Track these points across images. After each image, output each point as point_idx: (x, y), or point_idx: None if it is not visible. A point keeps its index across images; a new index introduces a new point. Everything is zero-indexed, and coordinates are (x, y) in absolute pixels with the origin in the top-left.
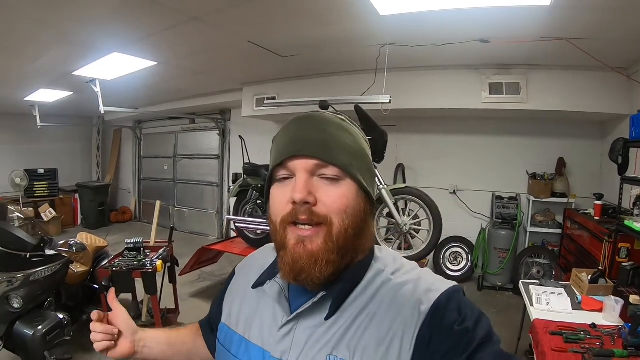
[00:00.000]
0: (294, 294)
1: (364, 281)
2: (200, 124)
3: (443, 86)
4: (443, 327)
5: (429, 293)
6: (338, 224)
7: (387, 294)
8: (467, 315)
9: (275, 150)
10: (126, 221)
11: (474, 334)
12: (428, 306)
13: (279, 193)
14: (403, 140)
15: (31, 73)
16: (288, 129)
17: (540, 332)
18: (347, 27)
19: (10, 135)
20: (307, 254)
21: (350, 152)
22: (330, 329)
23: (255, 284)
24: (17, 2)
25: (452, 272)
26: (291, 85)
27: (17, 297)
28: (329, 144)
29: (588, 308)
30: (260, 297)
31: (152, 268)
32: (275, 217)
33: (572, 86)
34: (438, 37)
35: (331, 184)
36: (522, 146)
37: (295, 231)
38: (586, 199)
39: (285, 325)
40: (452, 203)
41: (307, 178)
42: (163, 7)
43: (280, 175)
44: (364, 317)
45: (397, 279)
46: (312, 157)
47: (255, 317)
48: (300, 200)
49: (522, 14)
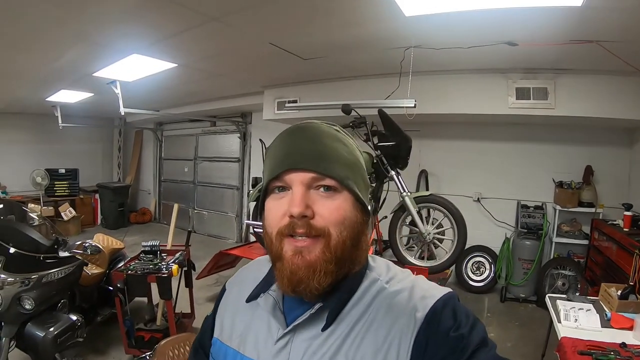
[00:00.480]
0: (289, 306)
1: (359, 291)
2: (221, 126)
3: (468, 91)
4: (439, 333)
5: (424, 300)
6: (336, 235)
7: (382, 303)
8: (462, 321)
9: (270, 162)
10: (145, 222)
11: (470, 340)
12: (424, 313)
13: (274, 205)
14: (426, 145)
15: (52, 73)
16: (283, 141)
17: (568, 352)
18: (371, 29)
19: (32, 135)
20: (305, 265)
21: (345, 164)
22: (328, 339)
23: (249, 297)
24: (37, 2)
25: (474, 282)
26: (313, 88)
27: (29, 298)
28: (325, 157)
29: (618, 326)
30: (254, 311)
31: (168, 272)
32: (270, 229)
33: (601, 91)
34: (464, 39)
35: (328, 197)
36: (549, 153)
37: (292, 242)
38: (614, 209)
39: (282, 338)
40: (475, 211)
41: (304, 191)
42: (181, 7)
43: (275, 187)
44: (361, 327)
45: (392, 287)
46: (309, 171)
47: (250, 331)
48: (298, 214)
49: (551, 15)
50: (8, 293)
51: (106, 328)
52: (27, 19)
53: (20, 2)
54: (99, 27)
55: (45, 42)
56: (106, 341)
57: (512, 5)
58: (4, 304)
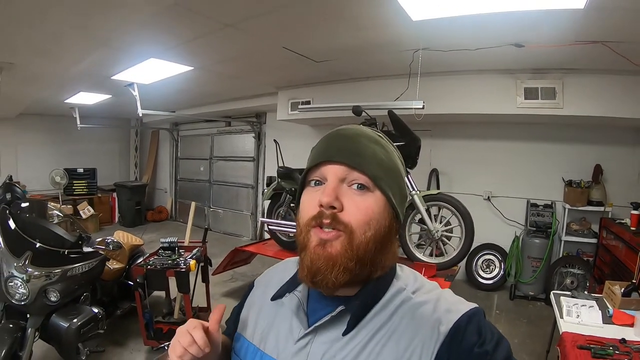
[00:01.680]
0: (313, 307)
1: (384, 299)
2: (236, 126)
3: (477, 91)
4: (462, 349)
5: (449, 314)
6: (359, 234)
7: (406, 313)
8: (487, 338)
9: (310, 157)
10: (162, 220)
11: (494, 357)
12: (448, 327)
13: (308, 197)
14: (437, 145)
15: (73, 77)
16: (325, 139)
17: (568, 346)
18: (379, 33)
19: (51, 135)
20: (325, 256)
21: (381, 165)
22: (348, 344)
23: (274, 296)
24: (59, 9)
25: (484, 279)
26: (325, 89)
27: (55, 290)
28: (360, 153)
29: (619, 322)
30: (278, 310)
31: (186, 267)
32: (302, 220)
33: (609, 91)
34: (471, 41)
35: (359, 194)
36: (558, 152)
37: (318, 233)
38: (623, 208)
39: (302, 339)
40: (485, 209)
41: (337, 184)
42: (197, 15)
43: (311, 180)
44: (382, 335)
45: (417, 298)
46: (342, 163)
47: (272, 329)
48: (327, 204)
49: (556, 17)
50: (34, 286)
51: (125, 321)
52: (50, 26)
53: (44, 11)
54: (119, 34)
55: (67, 47)
56: (125, 333)
57: (516, 8)
58: (30, 296)
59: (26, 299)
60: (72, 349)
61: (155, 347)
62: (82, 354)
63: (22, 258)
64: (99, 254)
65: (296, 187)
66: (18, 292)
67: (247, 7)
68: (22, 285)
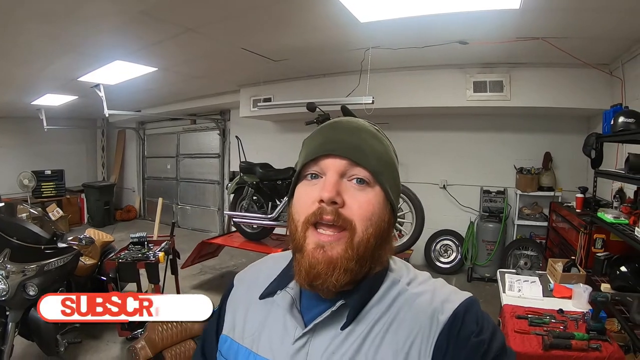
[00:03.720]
0: (307, 304)
1: (380, 291)
2: (201, 124)
3: (428, 85)
4: (460, 337)
5: (447, 303)
6: (361, 231)
7: (404, 304)
8: (483, 327)
9: (307, 149)
10: (131, 219)
11: (491, 346)
12: (446, 316)
13: (305, 191)
14: (394, 137)
15: (39, 80)
16: (322, 131)
17: (507, 316)
18: (330, 34)
19: (17, 137)
20: (325, 260)
21: (380, 160)
22: (347, 339)
23: (263, 294)
24: (28, 18)
25: (442, 264)
26: (285, 86)
27: (33, 285)
28: (361, 148)
29: (559, 295)
30: (268, 308)
31: (155, 259)
32: (297, 216)
33: (555, 83)
34: (418, 40)
35: (360, 189)
36: (509, 141)
37: (316, 235)
38: (573, 192)
39: (301, 338)
40: (442, 197)
41: (337, 179)
42: (158, 20)
43: (308, 174)
44: (381, 327)
45: (413, 289)
46: (344, 158)
47: (264, 329)
48: (328, 199)
49: (495, 17)
50: (13, 281)
51: None
52: (21, 33)
53: (16, 20)
54: (86, 40)
55: (35, 53)
56: (101, 327)
57: (458, 9)
58: (10, 291)
59: (6, 294)
60: (51, 340)
61: (128, 336)
62: (61, 345)
63: (1, 255)
64: (73, 249)
65: (256, 181)
66: None
67: (207, 13)
68: (1, 280)
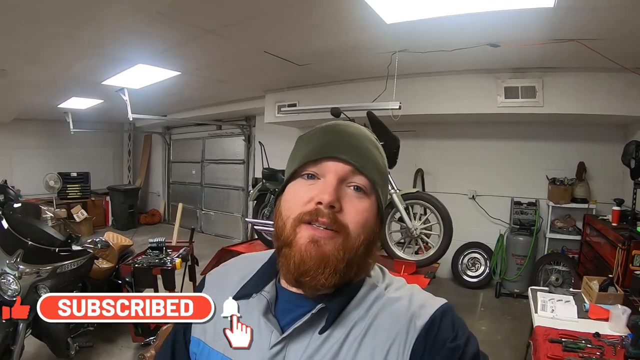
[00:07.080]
0: (283, 308)
1: (358, 295)
2: (226, 130)
3: (457, 91)
4: (437, 342)
5: (424, 309)
6: (354, 237)
7: (381, 309)
8: (459, 333)
9: (306, 148)
10: (155, 223)
11: (465, 351)
12: (423, 321)
13: (300, 189)
14: (422, 145)
15: (64, 82)
16: (324, 132)
17: (539, 339)
18: (355, 37)
19: (45, 140)
20: (318, 255)
21: (379, 171)
22: (325, 343)
23: (237, 295)
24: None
25: (470, 278)
26: (310, 91)
27: (45, 287)
28: (365, 156)
29: (595, 317)
30: (242, 311)
31: (172, 266)
32: (288, 212)
33: (590, 88)
34: (447, 42)
35: (358, 197)
36: (542, 151)
37: (309, 230)
38: (607, 205)
39: (278, 344)
40: (471, 208)
41: (338, 183)
42: (178, 22)
43: (305, 173)
44: (359, 331)
45: (391, 294)
46: (348, 163)
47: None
48: (328, 203)
49: (529, 17)
50: (26, 282)
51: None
52: (44, 35)
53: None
54: (108, 42)
55: (59, 55)
56: (115, 331)
57: (488, 9)
58: (22, 292)
59: (18, 295)
60: (61, 342)
61: (142, 342)
62: (72, 348)
63: (14, 255)
64: (88, 252)
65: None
66: (10, 288)
67: (225, 14)
68: (14, 281)
